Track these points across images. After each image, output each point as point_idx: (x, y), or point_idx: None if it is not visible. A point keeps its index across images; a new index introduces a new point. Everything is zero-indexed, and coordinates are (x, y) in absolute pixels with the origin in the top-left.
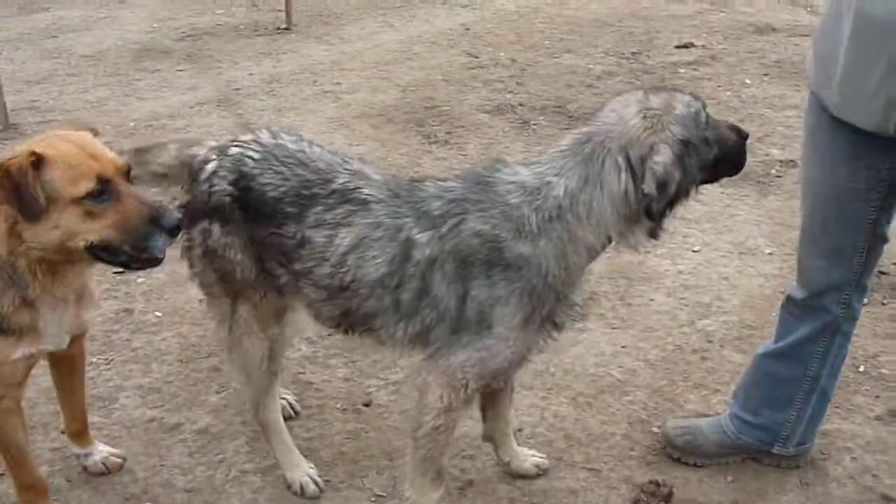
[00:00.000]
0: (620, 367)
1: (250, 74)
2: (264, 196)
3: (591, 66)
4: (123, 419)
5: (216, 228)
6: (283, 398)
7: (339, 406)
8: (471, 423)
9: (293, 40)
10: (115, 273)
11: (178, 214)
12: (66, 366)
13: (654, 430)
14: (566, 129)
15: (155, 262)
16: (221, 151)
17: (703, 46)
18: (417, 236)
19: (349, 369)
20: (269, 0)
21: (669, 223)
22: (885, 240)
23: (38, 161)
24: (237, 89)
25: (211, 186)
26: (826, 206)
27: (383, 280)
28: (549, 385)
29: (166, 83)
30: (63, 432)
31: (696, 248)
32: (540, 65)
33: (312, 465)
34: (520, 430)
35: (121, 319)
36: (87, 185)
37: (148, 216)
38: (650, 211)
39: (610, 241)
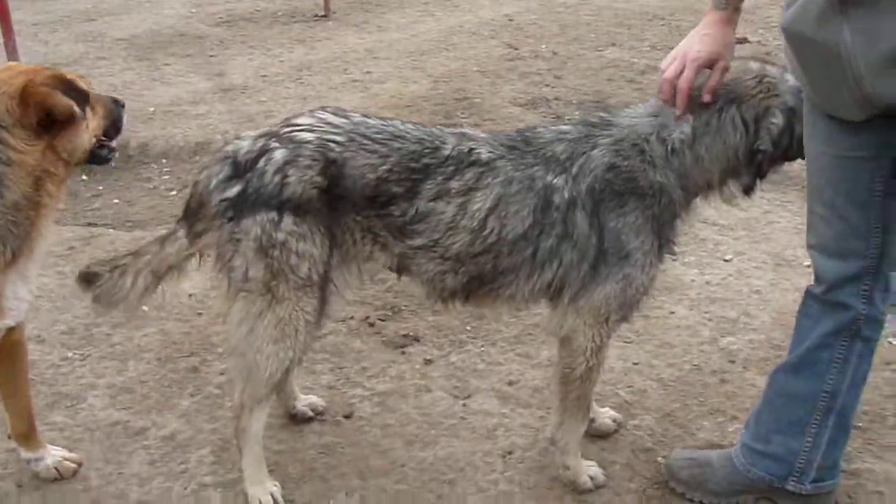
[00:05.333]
0: (630, 386)
1: (281, 61)
2: (363, 180)
3: (635, 60)
4: (88, 420)
5: (288, 219)
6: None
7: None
8: (456, 444)
9: (330, 28)
10: None
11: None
12: (7, 357)
13: (660, 459)
14: None
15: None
16: (286, 139)
17: (757, 42)
18: (554, 181)
19: (335, 375)
20: None
21: (761, 187)
22: None
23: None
24: (264, 76)
25: (284, 177)
26: (832, 181)
27: (527, 233)
28: (547, 404)
29: (195, 69)
30: (10, 437)
31: (727, 258)
32: (582, 58)
33: (277, 483)
34: (510, 452)
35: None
36: (88, 87)
37: (112, 100)
38: (760, 167)
39: (709, 187)
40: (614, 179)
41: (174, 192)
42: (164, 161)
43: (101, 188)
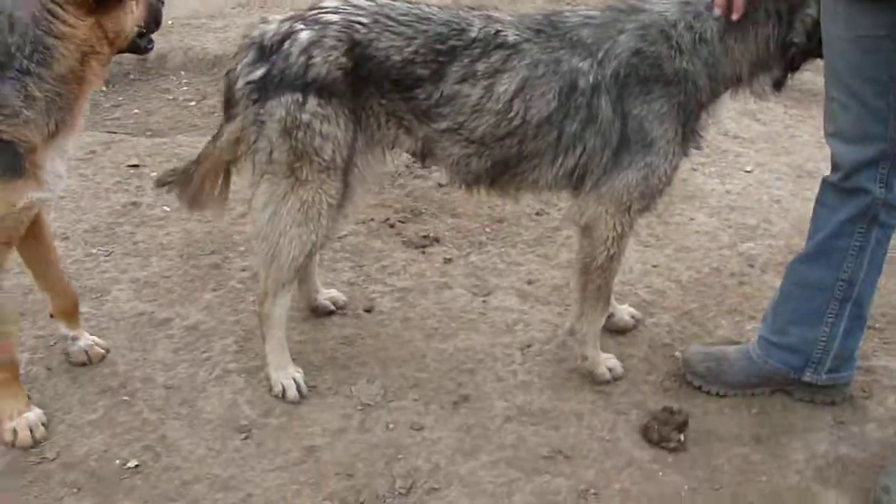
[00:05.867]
0: (649, 287)
1: None
2: (388, 61)
3: None
4: (113, 311)
5: (312, 101)
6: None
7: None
8: (476, 337)
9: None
10: (130, 166)
11: None
12: (34, 236)
13: (677, 354)
14: None
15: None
16: (311, 21)
17: None
18: (580, 65)
19: (355, 273)
20: None
21: (791, 81)
22: None
23: None
24: None
25: (309, 58)
26: (851, 64)
27: (552, 116)
28: (566, 301)
29: None
30: (52, 316)
31: (748, 169)
32: None
33: (300, 370)
34: (529, 345)
35: (127, 212)
36: None
37: None
38: (793, 60)
39: (739, 80)
40: (640, 65)
41: (193, 103)
42: (182, 73)
43: (121, 98)
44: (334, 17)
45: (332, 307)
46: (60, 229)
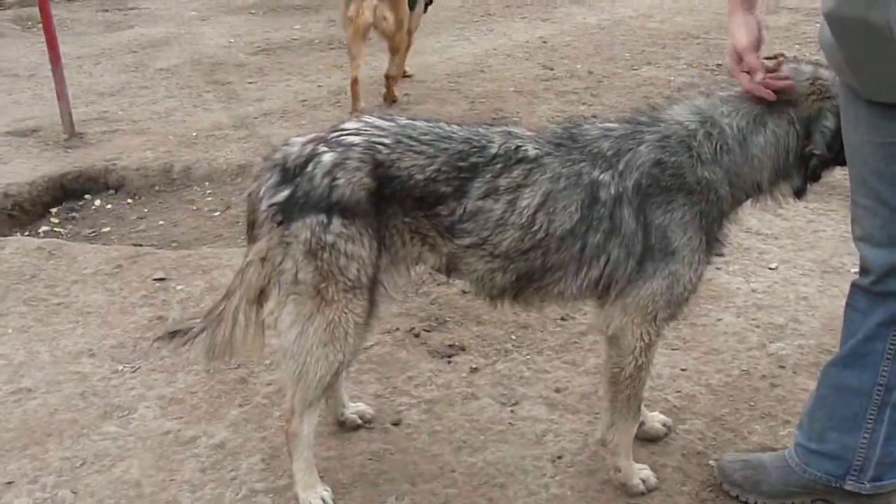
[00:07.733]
0: (678, 391)
1: (319, 86)
2: (411, 180)
3: (671, 77)
4: (140, 430)
5: (336, 222)
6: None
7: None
8: (505, 449)
9: (367, 54)
10: (156, 280)
11: None
12: None
13: (711, 463)
14: None
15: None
16: (334, 143)
17: (793, 58)
18: (600, 177)
19: (381, 385)
20: None
21: (811, 189)
22: None
23: None
24: (304, 101)
25: (333, 180)
26: (876, 170)
27: (575, 228)
28: (595, 409)
29: (235, 95)
30: None
31: (772, 266)
32: (617, 76)
33: (328, 488)
34: (559, 457)
35: (153, 327)
36: None
37: None
38: (814, 170)
39: (759, 188)
40: (661, 175)
41: (217, 213)
42: (206, 184)
43: (146, 210)
44: (357, 139)
45: (360, 421)
46: (87, 345)
